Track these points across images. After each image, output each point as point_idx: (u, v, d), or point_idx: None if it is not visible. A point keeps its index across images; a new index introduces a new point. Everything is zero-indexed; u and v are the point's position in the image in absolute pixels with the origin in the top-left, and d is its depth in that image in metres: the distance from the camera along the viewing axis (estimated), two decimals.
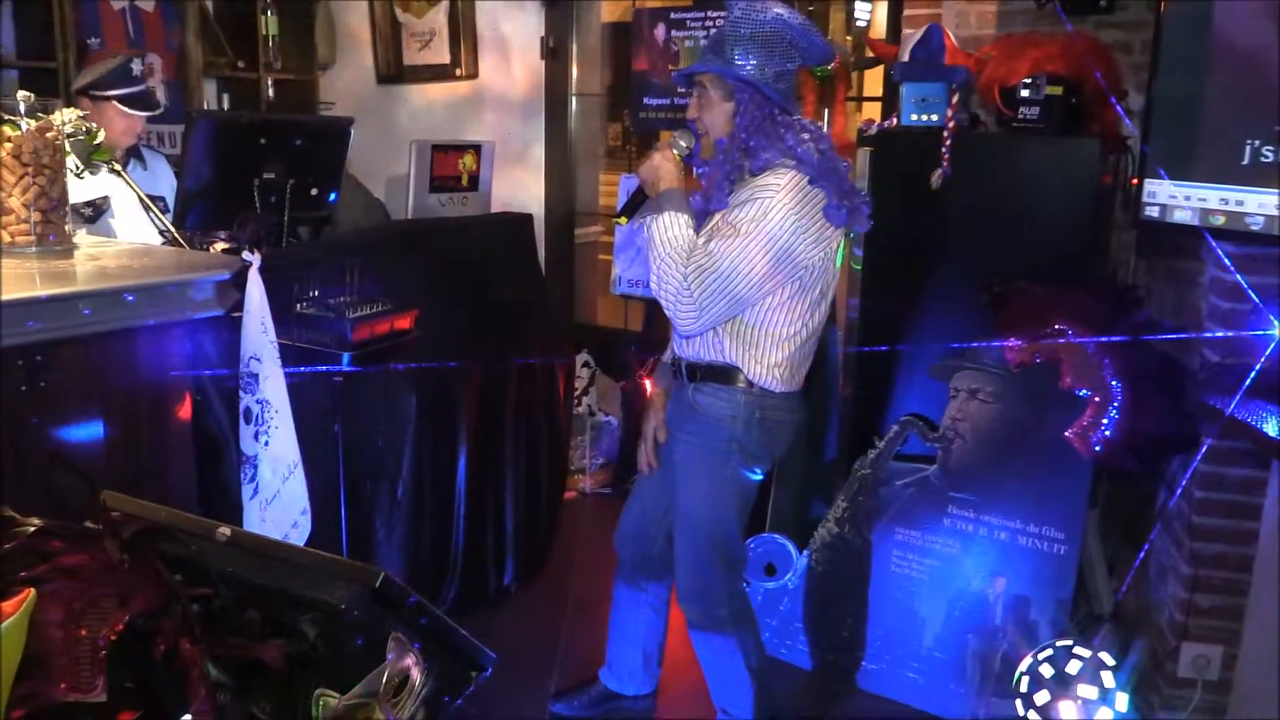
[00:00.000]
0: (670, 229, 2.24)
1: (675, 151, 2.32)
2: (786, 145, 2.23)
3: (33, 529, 1.22)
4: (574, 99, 4.71)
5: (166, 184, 3.37)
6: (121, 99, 3.17)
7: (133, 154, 3.34)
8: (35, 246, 2.16)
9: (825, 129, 2.82)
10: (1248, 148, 2.23)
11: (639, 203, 2.39)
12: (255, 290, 2.23)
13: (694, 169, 2.39)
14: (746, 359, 2.30)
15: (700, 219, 2.30)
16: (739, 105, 2.24)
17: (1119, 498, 3.11)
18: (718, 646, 2.49)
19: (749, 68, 2.21)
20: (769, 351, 2.30)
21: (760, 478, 2.43)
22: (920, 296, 2.98)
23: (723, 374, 2.34)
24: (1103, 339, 2.57)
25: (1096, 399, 2.58)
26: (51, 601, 1.13)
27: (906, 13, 3.54)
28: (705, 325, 2.26)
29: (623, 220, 2.50)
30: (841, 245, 2.36)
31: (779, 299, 2.26)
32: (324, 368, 2.51)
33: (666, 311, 2.29)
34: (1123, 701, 2.44)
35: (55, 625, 1.12)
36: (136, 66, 3.24)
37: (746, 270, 2.18)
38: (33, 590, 1.12)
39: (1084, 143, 2.82)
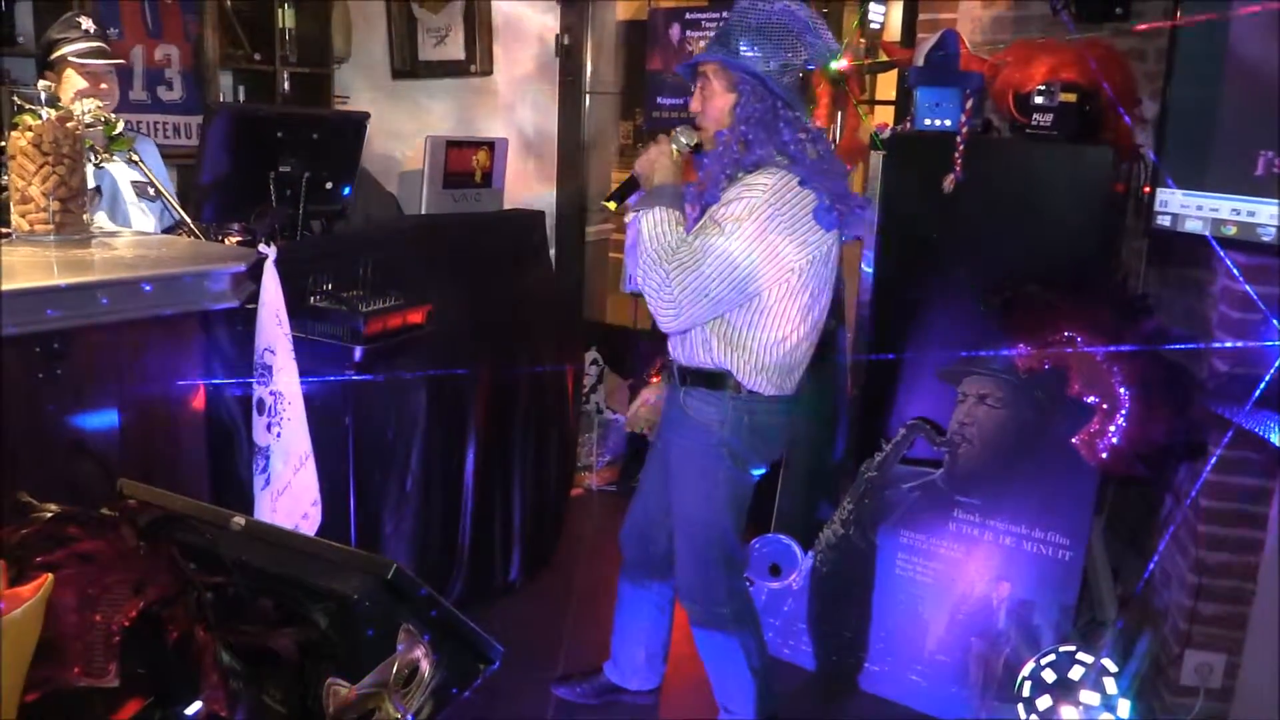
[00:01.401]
0: (659, 225, 2.22)
1: (675, 147, 2.30)
2: (781, 141, 2.20)
3: (49, 515, 1.24)
4: (587, 97, 4.71)
5: (157, 170, 3.25)
6: (74, 54, 3.02)
7: None
8: (54, 235, 2.18)
9: (838, 132, 2.82)
10: (1261, 159, 2.23)
11: (629, 190, 2.36)
12: (271, 283, 2.24)
13: (698, 163, 2.37)
14: (736, 362, 2.28)
15: (696, 213, 2.29)
16: (741, 97, 2.22)
17: (1125, 505, 3.12)
18: (720, 645, 2.50)
19: (753, 59, 2.19)
20: (758, 355, 2.27)
21: (755, 479, 2.42)
22: (930, 300, 2.98)
23: (711, 379, 2.32)
24: (1112, 347, 2.57)
25: (1104, 406, 2.58)
26: (67, 587, 1.14)
27: (921, 16, 3.54)
28: (685, 324, 2.24)
29: (611, 205, 2.44)
30: (836, 248, 2.31)
31: (766, 302, 2.23)
32: (333, 376, 2.52)
33: (649, 307, 2.27)
34: (1125, 708, 2.45)
35: (70, 610, 1.14)
36: (86, 22, 3.10)
37: (728, 270, 2.16)
38: (50, 575, 1.13)
39: (1097, 150, 2.82)
